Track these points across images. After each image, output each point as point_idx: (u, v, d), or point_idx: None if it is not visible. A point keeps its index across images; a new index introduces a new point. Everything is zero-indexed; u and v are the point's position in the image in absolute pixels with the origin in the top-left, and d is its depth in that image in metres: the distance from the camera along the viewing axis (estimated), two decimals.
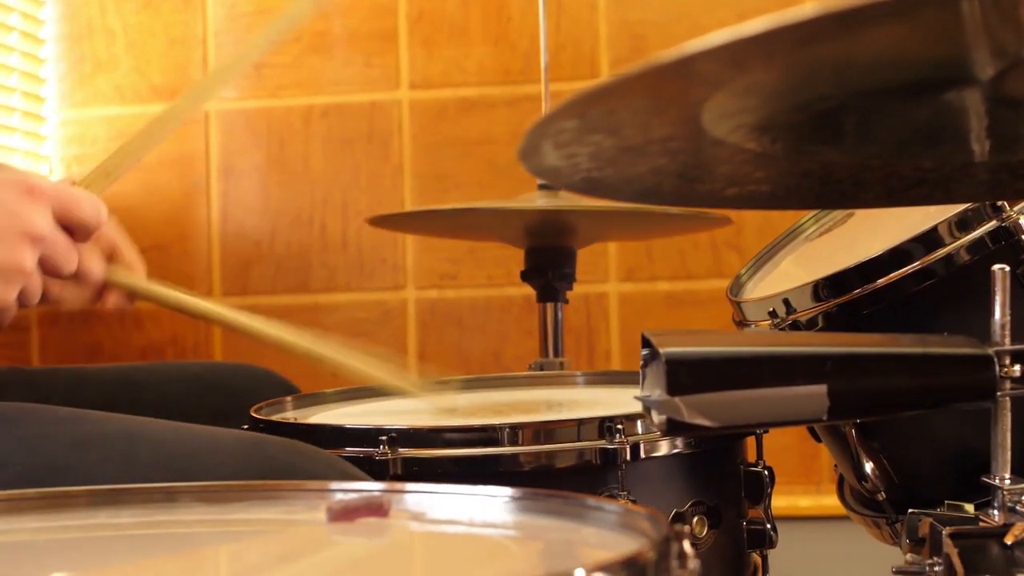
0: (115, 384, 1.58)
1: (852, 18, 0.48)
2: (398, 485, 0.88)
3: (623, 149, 0.70)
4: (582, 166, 0.73)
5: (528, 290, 1.88)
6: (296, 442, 1.16)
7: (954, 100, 0.76)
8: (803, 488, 2.40)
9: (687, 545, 0.69)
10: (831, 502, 1.43)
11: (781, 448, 1.77)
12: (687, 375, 0.85)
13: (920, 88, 0.73)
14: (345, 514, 0.83)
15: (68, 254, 1.17)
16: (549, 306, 1.83)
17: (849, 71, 0.66)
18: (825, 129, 0.77)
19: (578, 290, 1.93)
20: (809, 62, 0.60)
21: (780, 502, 1.38)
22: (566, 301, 1.84)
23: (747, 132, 0.73)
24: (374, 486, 0.88)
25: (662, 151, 0.72)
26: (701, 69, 0.55)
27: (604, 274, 2.52)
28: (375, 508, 0.84)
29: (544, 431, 1.22)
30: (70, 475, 1.06)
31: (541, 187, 1.73)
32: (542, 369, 1.80)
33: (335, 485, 0.89)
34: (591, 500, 0.79)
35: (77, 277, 1.21)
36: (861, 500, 1.33)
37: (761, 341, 0.91)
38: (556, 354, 1.85)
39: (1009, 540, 0.88)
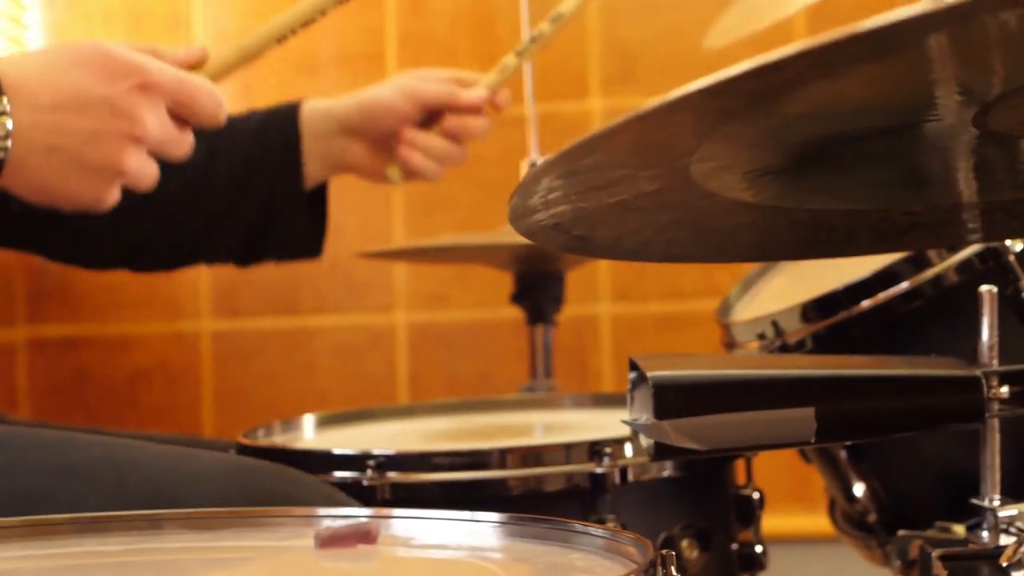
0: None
1: (788, 68, 0.47)
2: (385, 511, 0.88)
3: (612, 207, 0.70)
4: (568, 227, 0.72)
5: (519, 312, 1.87)
6: (285, 468, 1.15)
7: (938, 140, 0.75)
8: (799, 508, 2.39)
9: (674, 570, 0.69)
10: (826, 523, 1.42)
11: (777, 469, 1.77)
12: (675, 399, 0.85)
13: (901, 130, 0.72)
14: (333, 540, 0.83)
15: (180, 145, 1.18)
16: (538, 329, 1.83)
17: (822, 117, 0.65)
18: (810, 177, 0.76)
19: (570, 311, 1.92)
20: (774, 110, 0.59)
21: (774, 523, 1.38)
22: (555, 324, 1.84)
23: (733, 183, 0.72)
24: (362, 512, 0.88)
25: (653, 206, 0.72)
26: (664, 124, 0.54)
27: (595, 294, 2.52)
28: (363, 534, 0.83)
29: (532, 455, 1.21)
30: (53, 504, 1.04)
31: None
32: (532, 392, 1.80)
33: (323, 511, 0.88)
34: (578, 525, 0.79)
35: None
36: (852, 521, 1.32)
37: (749, 364, 0.91)
38: (546, 377, 1.84)
39: (1004, 561, 0.88)
